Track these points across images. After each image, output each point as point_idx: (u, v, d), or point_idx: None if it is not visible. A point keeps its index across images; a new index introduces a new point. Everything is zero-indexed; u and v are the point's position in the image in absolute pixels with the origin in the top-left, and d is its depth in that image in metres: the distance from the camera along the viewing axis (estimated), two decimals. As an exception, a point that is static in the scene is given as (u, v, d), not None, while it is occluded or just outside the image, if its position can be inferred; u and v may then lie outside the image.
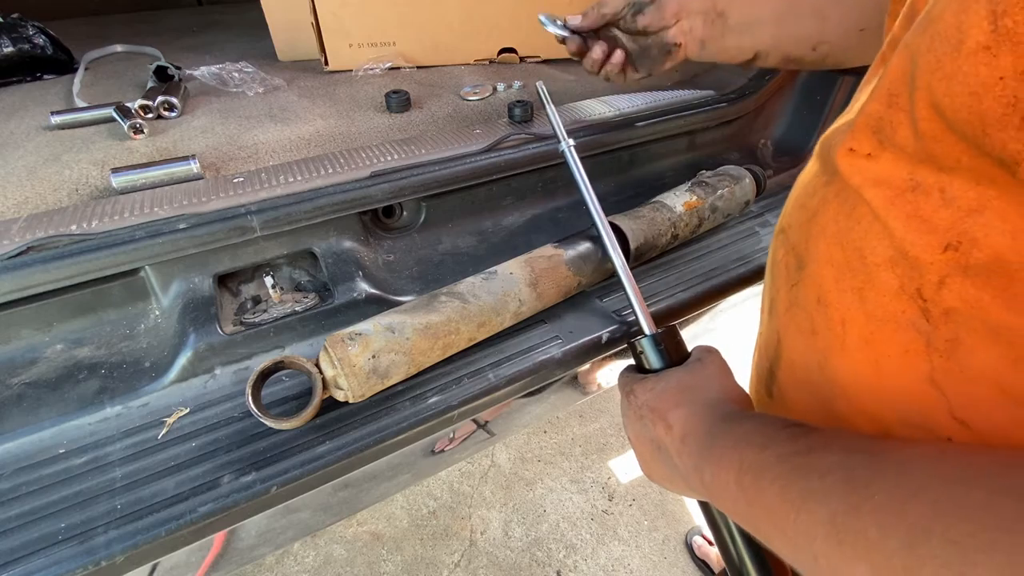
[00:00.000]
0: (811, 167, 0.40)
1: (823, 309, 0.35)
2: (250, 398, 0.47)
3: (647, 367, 0.50)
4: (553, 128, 0.61)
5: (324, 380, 0.50)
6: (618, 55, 0.71)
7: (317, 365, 0.50)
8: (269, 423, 0.47)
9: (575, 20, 0.71)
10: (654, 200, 0.72)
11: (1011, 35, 0.21)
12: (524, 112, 0.78)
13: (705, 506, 0.49)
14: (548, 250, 0.64)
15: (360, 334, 0.51)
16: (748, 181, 0.77)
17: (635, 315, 0.53)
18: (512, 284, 0.59)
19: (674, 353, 0.49)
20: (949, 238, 0.27)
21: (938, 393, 0.29)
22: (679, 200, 0.72)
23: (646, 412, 0.45)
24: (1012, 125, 0.22)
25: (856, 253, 0.32)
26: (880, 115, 0.30)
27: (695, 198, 0.73)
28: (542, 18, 0.71)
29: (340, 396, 0.51)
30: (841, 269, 0.34)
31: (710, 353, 0.47)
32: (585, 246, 0.65)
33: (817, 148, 0.39)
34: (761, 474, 0.30)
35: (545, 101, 0.62)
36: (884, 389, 0.32)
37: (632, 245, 0.66)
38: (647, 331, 0.51)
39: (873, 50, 0.39)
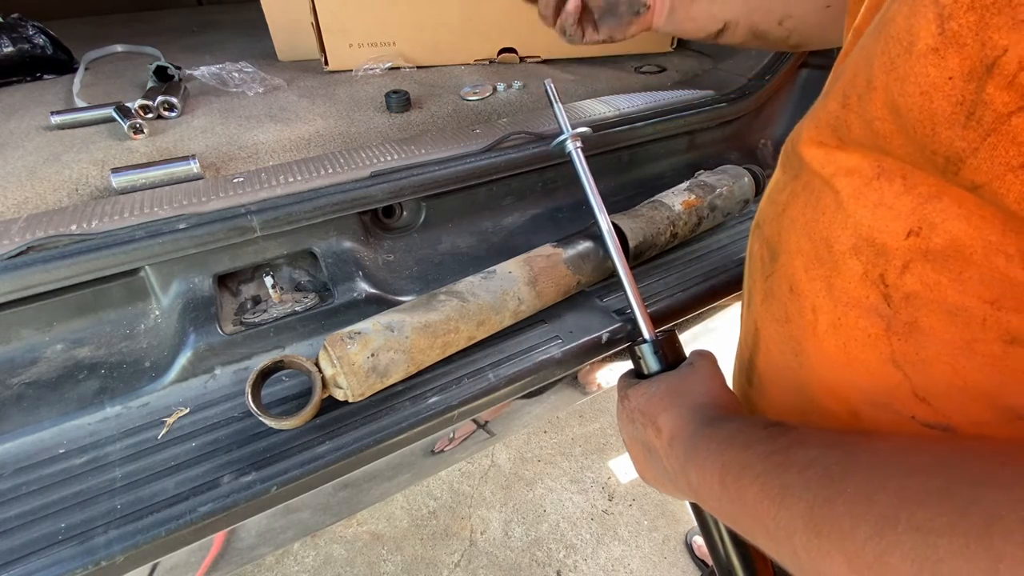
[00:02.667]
0: (779, 168, 0.42)
1: (795, 298, 0.37)
2: (250, 397, 0.47)
3: (645, 371, 0.50)
4: (560, 127, 0.60)
5: (324, 379, 0.50)
6: (573, 3, 0.65)
7: (316, 364, 0.50)
8: (269, 422, 0.47)
9: None
10: (653, 199, 0.72)
11: (957, 37, 0.22)
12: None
13: (696, 507, 0.49)
14: (547, 249, 0.64)
15: (359, 333, 0.51)
16: (747, 180, 0.77)
17: (635, 318, 0.53)
18: (511, 283, 0.59)
19: (671, 357, 0.50)
20: (911, 224, 0.28)
21: (901, 374, 0.30)
22: (677, 199, 0.72)
23: (637, 415, 0.46)
24: (958, 123, 0.23)
25: (823, 243, 0.34)
26: (837, 114, 0.31)
27: (693, 197, 0.73)
28: None
29: (340, 395, 0.51)
30: (810, 258, 0.35)
31: (702, 357, 0.48)
32: (584, 245, 0.65)
33: (783, 152, 0.41)
34: (742, 472, 0.31)
35: (553, 100, 0.61)
36: (852, 372, 0.33)
37: (631, 244, 0.66)
38: (646, 335, 0.51)
39: (836, 29, 0.39)
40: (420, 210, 0.72)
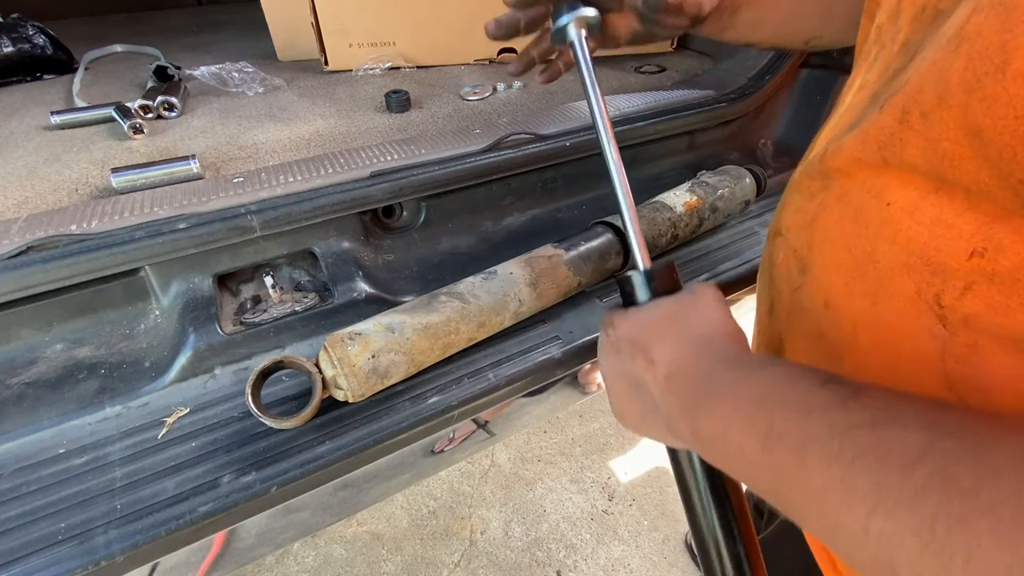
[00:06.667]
0: (802, 175, 0.39)
1: (831, 313, 0.35)
2: (250, 398, 0.47)
3: (636, 301, 0.42)
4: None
5: (324, 380, 0.50)
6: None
7: (317, 365, 0.50)
8: (269, 423, 0.47)
9: None
10: (654, 200, 0.72)
11: None
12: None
13: (673, 454, 0.42)
14: (548, 250, 0.64)
15: (360, 334, 0.51)
16: (748, 181, 0.77)
17: (631, 246, 0.44)
18: (512, 284, 0.59)
19: (668, 287, 0.42)
20: (975, 244, 0.26)
21: (955, 396, 0.28)
22: (679, 200, 0.72)
23: (624, 344, 0.39)
24: None
25: (867, 258, 0.32)
26: (891, 130, 0.29)
27: (695, 198, 0.73)
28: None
29: (340, 396, 0.51)
30: (851, 274, 0.33)
31: (704, 286, 0.40)
32: (585, 246, 0.65)
33: (809, 160, 0.38)
34: (806, 447, 0.25)
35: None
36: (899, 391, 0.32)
37: (632, 245, 0.66)
38: (640, 265, 0.43)
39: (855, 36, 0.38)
40: (420, 210, 0.72)
